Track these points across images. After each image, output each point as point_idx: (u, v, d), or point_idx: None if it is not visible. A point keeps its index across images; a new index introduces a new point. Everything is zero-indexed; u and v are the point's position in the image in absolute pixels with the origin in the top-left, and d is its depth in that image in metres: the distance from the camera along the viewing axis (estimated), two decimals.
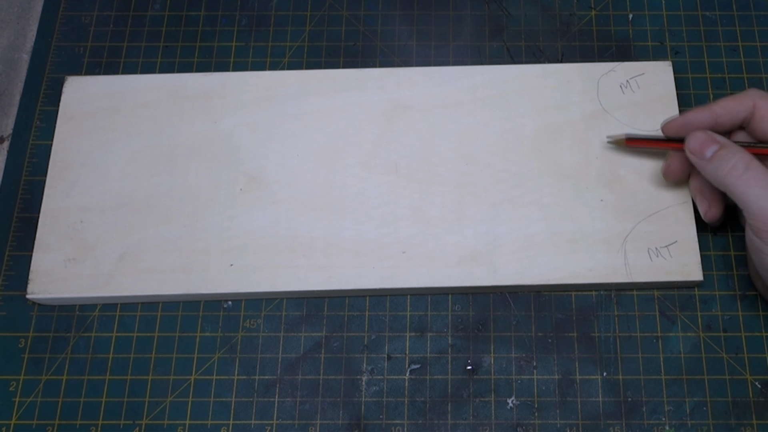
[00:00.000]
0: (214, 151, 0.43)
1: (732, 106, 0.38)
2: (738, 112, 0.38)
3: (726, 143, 0.37)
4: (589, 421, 0.39)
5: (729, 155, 0.36)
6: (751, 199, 0.35)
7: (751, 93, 0.38)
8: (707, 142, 0.37)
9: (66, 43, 0.48)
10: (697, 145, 0.37)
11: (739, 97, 0.38)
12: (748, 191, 0.35)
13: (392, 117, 0.44)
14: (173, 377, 0.40)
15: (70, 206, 0.42)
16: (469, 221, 0.41)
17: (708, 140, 0.37)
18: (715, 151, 0.36)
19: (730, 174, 0.36)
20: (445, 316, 0.41)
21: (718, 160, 0.36)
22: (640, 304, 0.41)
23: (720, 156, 0.36)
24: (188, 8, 0.49)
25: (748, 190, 0.35)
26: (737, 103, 0.38)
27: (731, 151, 0.36)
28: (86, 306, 0.41)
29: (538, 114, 0.44)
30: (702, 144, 0.37)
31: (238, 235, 0.41)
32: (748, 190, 0.35)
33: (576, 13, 0.48)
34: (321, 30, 0.48)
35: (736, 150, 0.36)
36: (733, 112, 0.38)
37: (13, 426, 0.39)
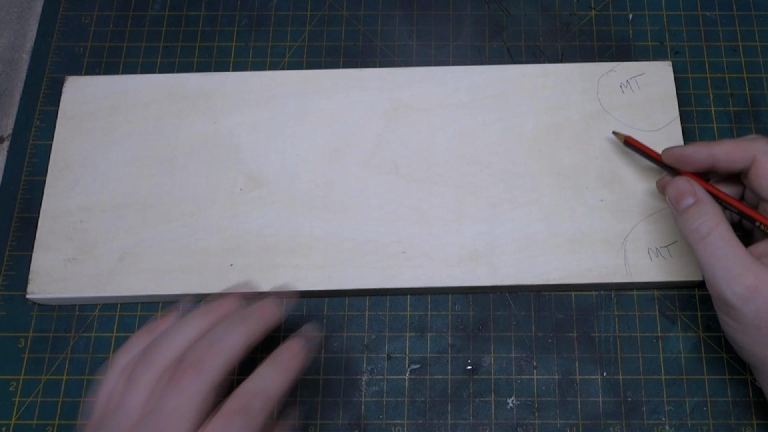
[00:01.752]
0: (214, 151, 0.43)
1: (733, 152, 0.36)
2: (737, 161, 0.36)
3: (702, 199, 0.35)
4: (589, 421, 0.39)
5: (698, 215, 0.35)
6: (705, 266, 0.34)
7: (757, 145, 0.36)
8: (684, 194, 0.35)
9: (66, 43, 0.48)
10: (675, 194, 0.36)
11: (743, 145, 0.36)
12: (703, 257, 0.34)
13: (392, 117, 0.44)
14: None
15: (70, 206, 0.42)
16: (469, 221, 0.41)
17: (685, 192, 0.35)
18: (688, 206, 0.35)
19: (691, 235, 0.34)
20: (445, 316, 0.41)
21: (687, 215, 0.35)
22: (640, 304, 0.41)
23: (689, 212, 0.35)
24: (188, 8, 0.49)
25: (703, 256, 0.34)
26: (739, 151, 0.36)
27: (702, 211, 0.35)
28: (86, 306, 0.41)
29: (538, 114, 0.44)
30: (679, 194, 0.36)
31: (238, 235, 0.41)
32: (703, 256, 0.34)
33: (576, 13, 0.48)
34: (321, 30, 0.48)
35: (708, 210, 0.34)
36: (732, 160, 0.36)
37: (13, 426, 0.39)
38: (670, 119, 0.43)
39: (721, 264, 0.33)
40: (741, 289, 0.32)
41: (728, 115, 0.45)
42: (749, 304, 0.32)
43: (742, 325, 0.33)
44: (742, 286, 0.32)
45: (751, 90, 0.45)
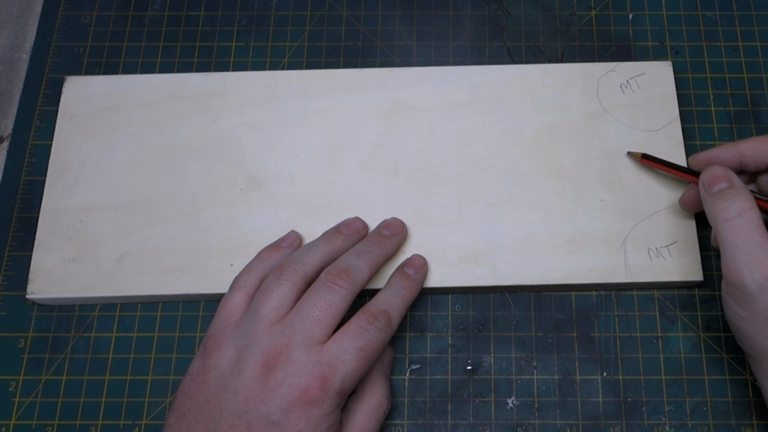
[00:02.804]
0: (214, 151, 0.43)
1: (759, 148, 0.36)
2: (764, 155, 0.36)
3: (737, 185, 0.35)
4: (589, 421, 0.39)
5: (730, 196, 0.34)
6: (727, 247, 0.34)
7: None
8: (719, 178, 0.35)
9: (66, 43, 0.48)
10: (710, 178, 0.36)
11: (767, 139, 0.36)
12: (728, 238, 0.34)
13: (392, 117, 0.44)
14: (173, 377, 0.40)
15: (70, 206, 0.42)
16: (469, 221, 0.41)
17: (721, 176, 0.36)
18: (722, 189, 0.35)
19: (719, 214, 0.34)
20: (445, 316, 0.41)
21: (719, 196, 0.35)
22: (640, 304, 0.41)
23: (723, 194, 0.35)
24: (188, 8, 0.48)
25: (728, 236, 0.34)
26: (765, 146, 0.36)
27: (735, 193, 0.34)
28: (86, 306, 0.41)
29: (538, 114, 0.44)
30: (714, 178, 0.36)
31: (238, 235, 0.41)
32: (728, 236, 0.34)
33: (576, 13, 0.48)
34: (321, 30, 0.48)
35: (741, 195, 0.34)
36: (759, 154, 0.36)
37: (13, 426, 0.39)
38: (670, 119, 0.43)
39: (745, 247, 0.33)
40: (760, 276, 0.32)
41: (728, 115, 0.45)
42: (765, 294, 0.32)
43: (751, 314, 0.33)
44: (762, 273, 0.32)
45: (751, 90, 0.45)
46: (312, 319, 0.33)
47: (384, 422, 0.38)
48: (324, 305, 0.34)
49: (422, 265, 0.39)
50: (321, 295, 0.34)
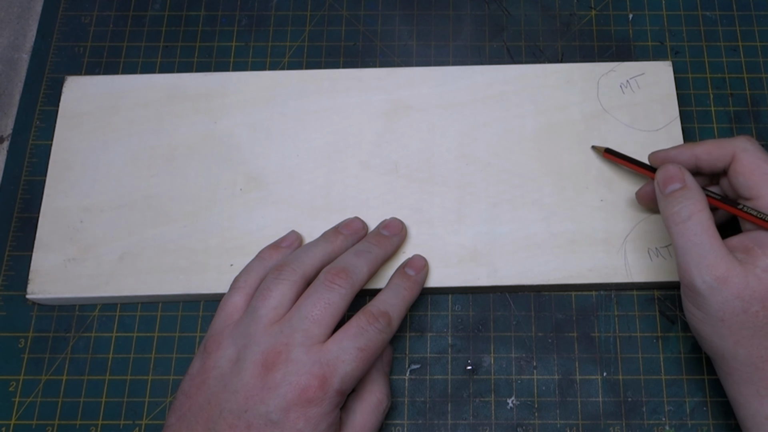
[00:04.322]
0: (214, 151, 0.43)
1: (714, 151, 0.36)
2: (718, 160, 0.36)
3: (690, 185, 0.35)
4: (589, 421, 0.39)
5: (681, 198, 0.34)
6: (679, 249, 0.34)
7: (737, 142, 0.36)
8: (673, 178, 0.35)
9: (66, 43, 0.48)
10: (663, 177, 0.36)
11: (723, 144, 0.36)
12: (679, 241, 0.34)
13: (392, 117, 0.44)
14: (173, 377, 0.40)
15: (70, 206, 0.42)
16: (469, 221, 0.41)
17: (674, 176, 0.35)
18: (675, 189, 0.35)
19: (671, 217, 0.34)
20: (445, 316, 0.41)
21: (671, 198, 0.35)
22: (640, 304, 0.41)
23: (674, 195, 0.35)
24: (188, 8, 0.48)
25: (679, 239, 0.34)
26: (719, 150, 0.36)
27: (686, 195, 0.34)
28: (86, 306, 0.41)
29: (538, 114, 0.44)
30: (668, 178, 0.36)
31: (238, 235, 0.41)
32: (679, 239, 0.34)
33: (576, 13, 0.48)
34: (321, 30, 0.48)
35: (692, 196, 0.34)
36: (713, 158, 0.36)
37: (13, 426, 0.39)
38: (670, 119, 0.43)
39: (695, 250, 0.33)
40: (710, 278, 0.33)
41: (728, 115, 0.45)
42: (716, 295, 0.33)
43: (706, 315, 0.33)
44: (712, 275, 0.33)
45: (751, 90, 0.45)
46: (311, 318, 0.33)
47: (384, 421, 0.38)
48: (323, 304, 0.34)
49: (423, 265, 0.39)
50: (320, 294, 0.34)
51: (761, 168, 0.35)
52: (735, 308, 0.32)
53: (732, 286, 0.32)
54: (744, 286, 0.32)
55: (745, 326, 0.33)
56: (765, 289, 0.32)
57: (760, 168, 0.35)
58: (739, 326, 0.33)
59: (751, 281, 0.32)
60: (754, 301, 0.32)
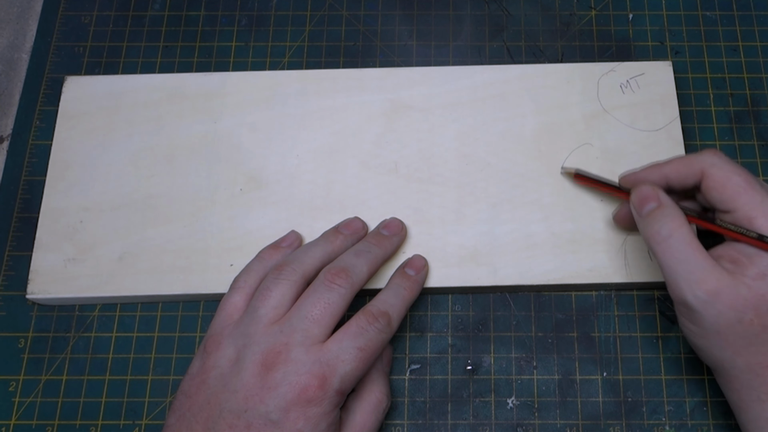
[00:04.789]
0: (214, 151, 0.43)
1: (682, 170, 0.36)
2: (687, 178, 0.36)
3: (665, 203, 0.35)
4: (589, 421, 0.39)
5: (659, 217, 0.34)
6: (665, 268, 0.34)
7: (703, 158, 0.35)
8: (648, 198, 0.35)
9: (66, 43, 0.48)
10: (638, 199, 0.36)
11: (690, 162, 0.36)
12: (664, 259, 0.34)
13: (392, 117, 0.44)
14: (173, 377, 0.40)
15: (70, 206, 0.42)
16: (469, 221, 0.41)
17: (649, 197, 0.35)
18: (651, 210, 0.35)
19: (652, 237, 0.34)
20: (445, 316, 0.41)
21: (650, 218, 0.35)
22: (640, 304, 0.41)
23: (652, 215, 0.35)
24: (188, 8, 0.49)
25: (664, 258, 0.34)
26: (687, 168, 0.36)
27: (664, 213, 0.34)
28: (86, 306, 0.41)
29: (538, 114, 0.44)
30: (643, 199, 0.36)
31: (238, 235, 0.41)
32: (664, 258, 0.34)
33: (576, 13, 0.48)
34: (321, 30, 0.48)
35: (669, 213, 0.34)
36: (682, 177, 0.36)
37: (13, 426, 0.39)
38: (670, 119, 0.43)
39: (681, 267, 0.33)
40: (702, 293, 0.32)
41: (728, 115, 0.45)
42: (709, 309, 0.33)
43: (702, 329, 0.33)
44: (702, 290, 0.32)
45: (751, 90, 0.45)
46: (311, 318, 0.33)
47: (384, 421, 0.38)
48: (323, 304, 0.34)
49: (423, 265, 0.39)
50: (320, 294, 0.34)
51: (732, 180, 0.34)
52: (730, 319, 0.32)
53: (724, 298, 0.32)
54: (736, 296, 0.32)
55: (742, 336, 0.33)
56: (756, 298, 0.32)
57: (731, 181, 0.34)
58: (735, 336, 0.33)
59: (742, 291, 0.32)
60: (747, 310, 0.32)
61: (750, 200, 0.34)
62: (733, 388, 0.34)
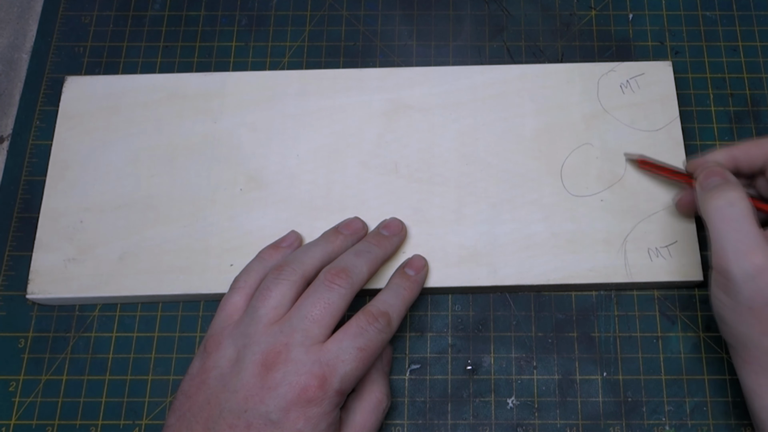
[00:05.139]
0: (214, 151, 0.43)
1: (752, 151, 0.36)
2: (756, 158, 0.36)
3: (731, 181, 0.35)
4: (589, 421, 0.39)
5: (723, 187, 0.35)
6: (716, 234, 0.34)
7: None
8: (714, 174, 0.36)
9: (66, 43, 0.48)
10: (704, 175, 0.36)
11: (762, 143, 0.36)
12: (717, 225, 0.34)
13: (392, 117, 0.44)
14: (173, 377, 0.40)
15: (70, 206, 0.42)
16: (469, 221, 0.41)
17: (716, 172, 0.36)
18: (716, 184, 0.35)
19: (711, 203, 0.34)
20: (445, 316, 0.41)
21: (713, 191, 0.35)
22: (640, 304, 0.41)
23: (716, 188, 0.35)
24: (188, 8, 0.49)
25: (718, 224, 0.34)
26: (758, 149, 0.36)
27: (728, 188, 0.35)
28: (86, 306, 0.41)
29: (538, 114, 0.44)
30: (708, 174, 0.36)
31: (238, 235, 0.41)
32: (718, 224, 0.34)
33: (576, 13, 0.48)
34: (321, 30, 0.48)
35: (734, 187, 0.35)
36: (751, 157, 0.36)
37: (13, 426, 0.39)
38: (670, 119, 0.43)
39: (735, 236, 0.33)
40: (748, 265, 0.32)
41: (728, 115, 0.45)
42: (750, 283, 0.32)
43: (735, 303, 0.33)
44: (750, 262, 0.32)
45: (751, 90, 0.45)
46: (311, 318, 0.33)
47: (384, 421, 0.38)
48: (323, 304, 0.34)
49: (423, 266, 0.39)
50: (320, 294, 0.34)
51: None
52: (766, 298, 0.32)
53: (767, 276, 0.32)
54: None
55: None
56: None
57: None
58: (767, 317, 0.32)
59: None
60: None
61: None
62: (751, 369, 0.34)
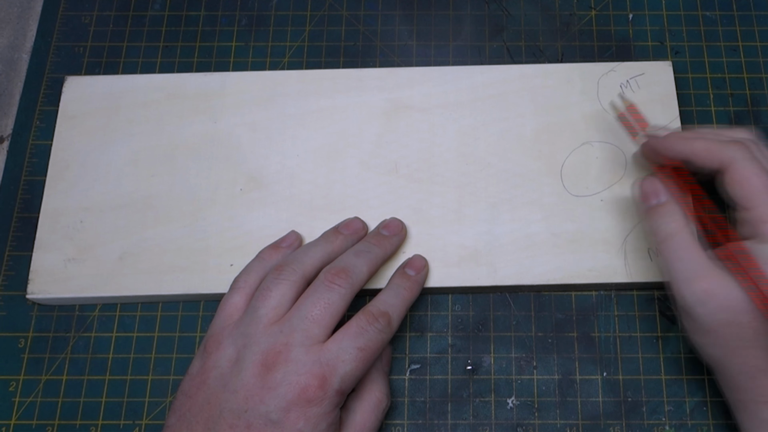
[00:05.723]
0: (214, 151, 0.43)
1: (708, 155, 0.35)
2: (711, 163, 0.35)
3: (669, 201, 0.36)
4: (589, 421, 0.39)
5: (663, 215, 0.35)
6: (666, 265, 0.35)
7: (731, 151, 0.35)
8: (655, 193, 0.37)
9: (66, 43, 0.48)
10: (644, 191, 0.37)
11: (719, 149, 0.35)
12: (665, 256, 0.35)
13: (392, 117, 0.44)
14: (173, 377, 0.40)
15: (70, 206, 0.42)
16: (469, 221, 0.41)
17: (656, 191, 0.37)
18: (655, 206, 0.36)
19: (656, 233, 0.35)
20: (445, 316, 0.41)
21: (654, 214, 0.36)
22: (640, 304, 0.41)
23: (657, 211, 0.36)
24: (188, 8, 0.48)
25: (665, 255, 0.35)
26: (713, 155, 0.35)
27: (670, 212, 0.35)
28: (86, 306, 0.41)
29: (538, 114, 0.44)
30: (649, 192, 0.37)
31: (238, 235, 0.41)
32: (665, 255, 0.35)
33: (576, 13, 0.48)
34: (321, 30, 0.48)
35: (672, 212, 0.35)
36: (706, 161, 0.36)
37: (13, 426, 0.39)
38: (670, 119, 0.43)
39: (680, 265, 0.34)
40: (697, 291, 0.33)
41: (728, 115, 0.45)
42: (704, 308, 0.33)
43: (699, 327, 0.34)
44: (698, 289, 0.33)
45: (751, 90, 0.45)
46: (311, 318, 0.33)
47: (384, 421, 0.38)
48: (323, 304, 0.34)
49: (423, 266, 0.39)
50: (320, 294, 0.34)
51: (751, 181, 0.34)
52: (723, 320, 0.33)
53: (719, 299, 0.33)
54: (730, 298, 0.32)
55: (736, 337, 0.33)
56: (750, 301, 0.32)
57: (750, 181, 0.34)
58: (730, 337, 0.33)
59: (737, 293, 0.33)
60: (741, 312, 0.32)
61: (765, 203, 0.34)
62: (729, 387, 0.35)
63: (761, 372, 0.33)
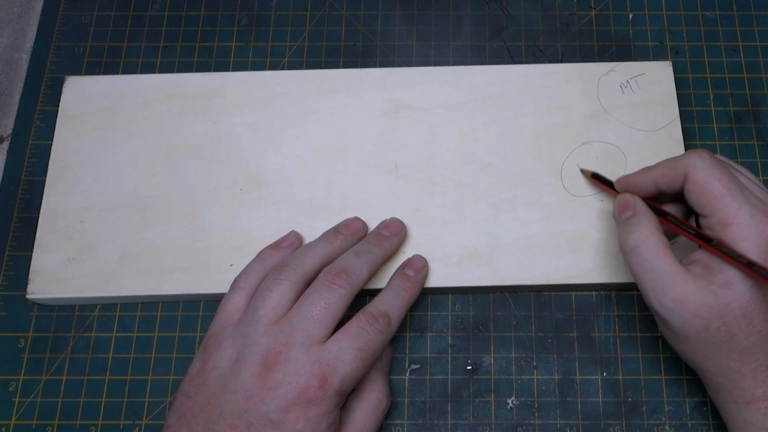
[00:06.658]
0: (214, 151, 0.43)
1: (668, 174, 0.36)
2: (674, 181, 0.36)
3: (639, 212, 0.36)
4: (589, 421, 0.39)
5: (631, 226, 0.35)
6: (635, 277, 0.34)
7: (686, 160, 0.35)
8: (626, 207, 0.36)
9: (66, 43, 0.48)
10: (618, 206, 0.37)
11: (676, 164, 0.35)
12: (633, 267, 0.34)
13: (392, 117, 0.44)
14: (173, 377, 0.40)
15: (70, 206, 0.42)
16: (469, 221, 0.41)
17: (627, 205, 0.36)
18: (627, 218, 0.36)
19: (623, 245, 0.35)
20: (445, 316, 0.41)
21: (623, 227, 0.35)
22: (640, 304, 0.41)
23: (625, 224, 0.35)
24: (188, 8, 0.49)
25: (633, 266, 0.34)
26: (672, 171, 0.36)
27: (636, 223, 0.35)
28: (86, 306, 0.41)
29: (538, 114, 0.44)
30: (621, 207, 0.37)
31: (238, 235, 0.41)
32: (633, 266, 0.34)
33: (576, 13, 0.48)
34: (321, 30, 0.48)
35: (640, 222, 0.35)
36: (669, 180, 0.36)
37: (13, 426, 0.39)
38: (670, 119, 0.43)
39: (648, 276, 0.34)
40: (667, 300, 0.33)
41: (728, 115, 0.45)
42: (675, 316, 0.33)
43: (674, 334, 0.34)
44: (668, 298, 0.33)
45: (751, 90, 0.45)
46: (311, 318, 0.33)
47: (384, 421, 0.38)
48: (323, 304, 0.34)
49: (423, 266, 0.39)
50: (320, 294, 0.34)
51: (711, 185, 0.34)
52: (696, 326, 0.33)
53: (689, 306, 0.33)
54: (701, 304, 0.32)
55: (710, 342, 0.33)
56: (722, 306, 0.32)
57: (710, 185, 0.34)
58: (704, 342, 0.33)
59: (708, 298, 0.32)
60: (712, 317, 0.32)
61: (726, 207, 0.33)
62: (711, 389, 0.35)
63: (739, 374, 0.33)
